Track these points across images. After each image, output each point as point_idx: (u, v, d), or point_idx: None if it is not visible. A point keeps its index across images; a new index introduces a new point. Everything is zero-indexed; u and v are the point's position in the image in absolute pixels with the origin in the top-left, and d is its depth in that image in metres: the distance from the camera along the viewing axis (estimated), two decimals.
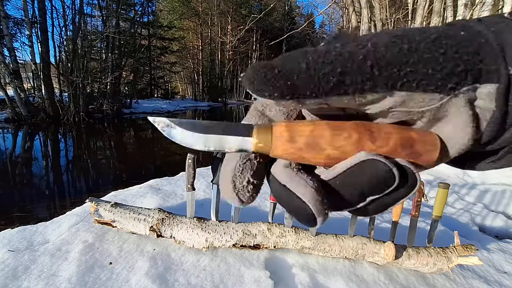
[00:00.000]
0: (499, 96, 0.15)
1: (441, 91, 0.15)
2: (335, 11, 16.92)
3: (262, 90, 0.15)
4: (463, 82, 0.15)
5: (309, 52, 0.15)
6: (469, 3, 4.79)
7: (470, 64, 0.15)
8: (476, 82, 0.15)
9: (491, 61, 0.15)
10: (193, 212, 1.45)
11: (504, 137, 0.17)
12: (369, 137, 0.16)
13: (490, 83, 0.15)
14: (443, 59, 0.14)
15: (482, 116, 0.16)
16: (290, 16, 32.36)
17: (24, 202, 3.05)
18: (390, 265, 1.39)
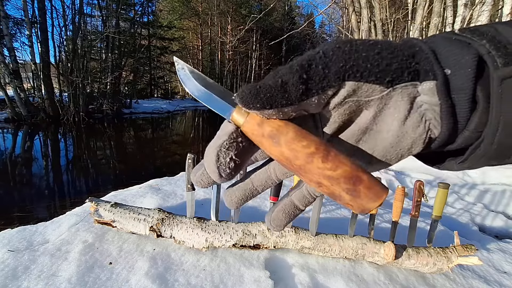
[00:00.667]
0: (439, 90, 0.18)
1: (380, 82, 0.18)
2: (335, 11, 16.92)
3: (248, 103, 0.18)
4: (399, 78, 0.18)
5: (280, 69, 0.19)
6: (469, 3, 4.79)
7: (405, 64, 0.18)
8: (415, 80, 0.18)
9: (426, 63, 0.18)
10: (193, 212, 1.46)
11: (463, 135, 0.19)
12: (322, 156, 0.18)
13: (428, 80, 0.18)
14: (378, 57, 0.18)
15: (433, 112, 0.19)
16: (290, 16, 32.35)
17: (24, 202, 3.05)
18: (390, 265, 1.39)
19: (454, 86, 0.18)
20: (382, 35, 5.02)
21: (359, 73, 0.18)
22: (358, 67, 0.18)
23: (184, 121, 12.91)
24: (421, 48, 0.19)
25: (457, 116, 0.18)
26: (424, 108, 0.19)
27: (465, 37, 0.19)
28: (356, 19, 5.35)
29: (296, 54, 23.19)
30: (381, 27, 4.97)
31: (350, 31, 6.26)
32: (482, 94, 0.18)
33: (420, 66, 0.18)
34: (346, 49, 0.18)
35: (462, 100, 0.18)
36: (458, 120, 0.19)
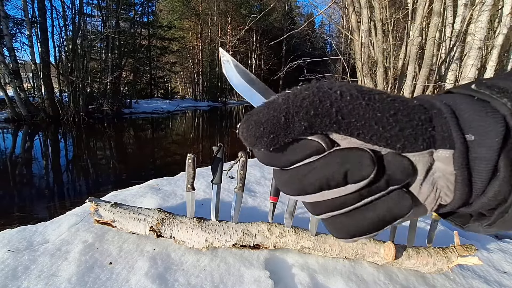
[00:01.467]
0: (456, 160, 0.17)
1: (392, 148, 0.17)
2: (335, 11, 16.91)
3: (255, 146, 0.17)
4: (412, 145, 0.17)
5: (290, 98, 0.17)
6: (469, 3, 4.79)
7: (420, 130, 0.17)
8: (431, 147, 0.17)
9: (443, 129, 0.17)
10: (193, 212, 1.46)
11: (480, 201, 0.18)
12: None
13: (445, 149, 0.17)
14: (392, 120, 0.17)
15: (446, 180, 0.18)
16: (290, 16, 32.34)
17: (24, 202, 3.05)
18: (390, 265, 1.39)
19: (476, 155, 0.17)
20: (382, 35, 5.02)
21: (369, 135, 0.17)
22: (370, 128, 0.16)
23: (184, 121, 12.91)
24: (440, 111, 0.18)
25: (473, 184, 0.17)
26: (437, 176, 0.18)
27: (484, 95, 0.18)
28: (356, 19, 5.35)
29: (296, 54, 23.19)
30: (381, 27, 4.97)
31: (350, 31, 6.26)
32: (505, 162, 0.17)
33: (437, 131, 0.17)
34: (363, 103, 0.16)
35: (482, 170, 0.17)
36: (474, 188, 0.18)
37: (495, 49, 4.70)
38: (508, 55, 5.54)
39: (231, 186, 2.43)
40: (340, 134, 0.17)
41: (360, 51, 5.43)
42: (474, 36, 4.42)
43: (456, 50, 5.08)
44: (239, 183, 1.39)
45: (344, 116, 0.16)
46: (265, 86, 0.22)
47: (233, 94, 28.19)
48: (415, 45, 4.56)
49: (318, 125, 0.17)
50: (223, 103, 24.26)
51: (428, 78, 4.77)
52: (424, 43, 4.85)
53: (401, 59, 5.60)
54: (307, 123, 0.16)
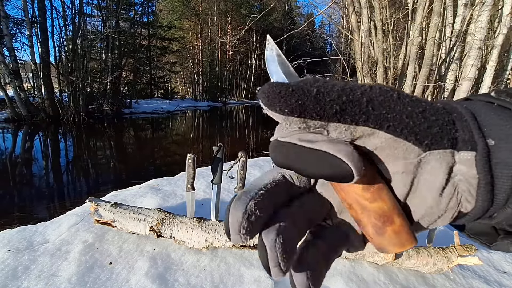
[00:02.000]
0: (478, 163, 0.17)
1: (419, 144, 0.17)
2: (335, 11, 16.91)
3: (274, 104, 0.16)
4: (438, 143, 0.17)
5: (320, 81, 0.17)
6: (469, 3, 4.79)
7: (445, 130, 0.17)
8: (453, 148, 0.17)
9: (466, 132, 0.17)
10: (193, 212, 1.46)
11: (505, 212, 0.17)
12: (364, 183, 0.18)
13: (467, 151, 0.17)
14: (421, 116, 0.17)
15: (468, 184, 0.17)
16: (290, 16, 32.35)
17: (24, 202, 3.05)
18: (390, 265, 1.39)
19: (497, 160, 0.17)
20: (382, 35, 5.02)
21: (399, 128, 0.16)
22: (400, 121, 0.16)
23: (184, 121, 12.91)
24: (460, 114, 0.18)
25: (495, 191, 0.17)
26: (458, 179, 0.17)
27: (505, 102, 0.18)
28: (356, 19, 5.35)
29: (296, 54, 23.18)
30: (381, 27, 4.97)
31: (350, 31, 6.26)
32: None
33: (459, 134, 0.17)
34: (395, 96, 0.17)
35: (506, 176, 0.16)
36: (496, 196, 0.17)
37: (495, 49, 4.70)
38: (508, 55, 5.53)
39: (231, 186, 2.43)
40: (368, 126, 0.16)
41: (360, 51, 5.43)
42: (474, 36, 4.42)
43: (456, 50, 5.08)
44: (239, 183, 1.39)
45: (375, 107, 0.16)
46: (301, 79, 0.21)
47: (233, 94, 28.19)
48: (415, 45, 4.57)
49: (349, 112, 0.16)
50: (223, 103, 24.26)
51: (428, 78, 4.78)
52: (424, 43, 4.85)
53: (401, 59, 5.60)
54: (338, 107, 0.16)
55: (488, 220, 0.19)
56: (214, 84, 24.68)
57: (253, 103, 25.92)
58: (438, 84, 5.22)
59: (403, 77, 5.13)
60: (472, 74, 4.67)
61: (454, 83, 5.19)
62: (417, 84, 4.71)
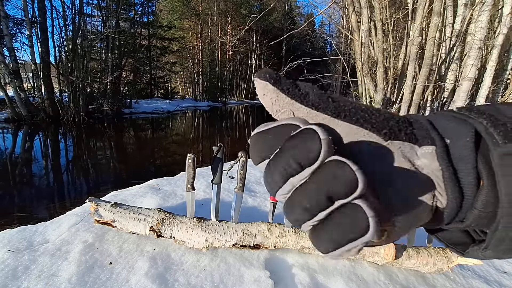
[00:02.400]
0: (439, 155, 0.18)
1: (377, 132, 0.19)
2: (335, 11, 16.91)
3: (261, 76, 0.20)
4: (396, 134, 0.19)
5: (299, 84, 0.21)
6: (469, 3, 4.79)
7: (402, 125, 0.19)
8: (413, 143, 0.19)
9: (422, 130, 0.19)
10: (193, 212, 1.46)
11: (473, 213, 0.18)
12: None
13: (427, 145, 0.19)
14: (376, 112, 0.19)
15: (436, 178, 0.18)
16: (290, 16, 32.35)
17: (24, 202, 3.05)
18: (390, 265, 1.39)
19: (455, 155, 0.18)
20: (382, 35, 5.02)
21: (355, 117, 0.19)
22: (355, 113, 0.19)
23: (184, 121, 12.91)
24: (416, 119, 0.20)
25: (462, 185, 0.18)
26: (426, 173, 0.18)
27: (463, 115, 0.20)
28: (356, 19, 5.35)
29: (296, 54, 23.19)
30: (381, 27, 4.96)
31: (350, 31, 6.26)
32: (485, 170, 0.17)
33: (417, 131, 0.19)
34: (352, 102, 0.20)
35: (466, 169, 0.18)
36: (464, 190, 0.18)
37: (495, 49, 4.70)
38: (508, 55, 5.53)
39: (231, 186, 2.43)
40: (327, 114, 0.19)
41: (360, 51, 5.43)
42: (474, 36, 4.42)
43: (456, 50, 5.08)
44: (239, 183, 1.39)
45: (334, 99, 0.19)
46: None
47: (233, 94, 28.19)
48: (415, 45, 4.56)
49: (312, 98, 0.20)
50: (223, 103, 24.26)
51: (428, 78, 4.77)
52: (424, 43, 4.85)
53: (401, 59, 5.59)
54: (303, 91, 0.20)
55: (460, 224, 0.19)
56: (214, 84, 24.67)
57: (253, 103, 25.90)
58: (438, 84, 5.22)
59: (403, 77, 5.13)
60: (472, 74, 4.67)
61: (454, 83, 5.19)
62: (417, 84, 4.70)
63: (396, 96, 5.47)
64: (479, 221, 0.19)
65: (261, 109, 20.42)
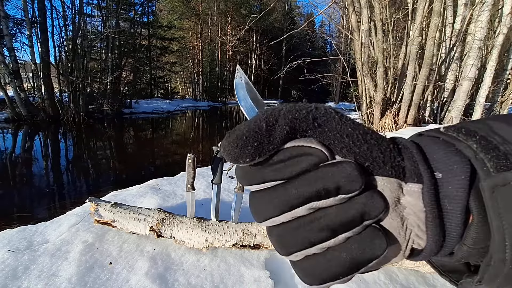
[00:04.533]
0: (425, 195, 0.16)
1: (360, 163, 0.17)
2: (335, 11, 16.92)
3: (237, 158, 0.17)
4: (381, 168, 0.17)
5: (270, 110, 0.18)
6: (469, 3, 4.79)
7: (387, 155, 0.17)
8: (400, 178, 0.17)
9: (411, 163, 0.17)
10: (193, 212, 1.46)
11: (462, 249, 0.17)
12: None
13: (413, 183, 0.17)
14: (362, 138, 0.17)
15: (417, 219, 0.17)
16: (290, 16, 32.34)
17: (24, 202, 3.05)
18: (390, 265, 1.39)
19: (445, 193, 0.16)
20: (382, 35, 5.02)
21: (339, 146, 0.17)
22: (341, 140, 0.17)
23: (184, 121, 12.91)
24: (405, 146, 0.18)
25: (446, 226, 0.17)
26: (407, 213, 0.17)
27: (451, 137, 0.18)
28: (356, 19, 5.35)
29: (296, 54, 23.19)
30: (381, 27, 4.97)
31: (350, 31, 6.26)
32: (475, 204, 0.16)
33: (407, 164, 0.17)
34: (337, 117, 0.17)
35: (454, 210, 0.16)
36: (448, 231, 0.17)
37: (495, 49, 4.70)
38: (508, 55, 5.53)
39: (231, 186, 2.43)
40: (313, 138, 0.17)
41: (360, 51, 5.43)
42: (474, 36, 4.42)
43: (456, 50, 5.08)
44: (239, 183, 1.39)
45: (320, 124, 0.17)
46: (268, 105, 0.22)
47: (233, 94, 28.20)
48: (415, 45, 4.56)
49: (298, 128, 0.17)
50: (223, 103, 24.26)
51: (428, 78, 4.77)
52: (424, 43, 4.85)
53: (401, 59, 5.59)
54: (288, 127, 0.17)
55: (449, 258, 0.18)
56: (214, 84, 24.67)
57: None
58: (438, 84, 5.22)
59: (403, 77, 5.13)
60: (472, 74, 4.67)
61: (454, 83, 5.19)
62: (417, 84, 4.71)
63: (396, 96, 5.47)
64: (470, 256, 0.17)
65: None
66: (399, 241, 0.17)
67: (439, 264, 0.21)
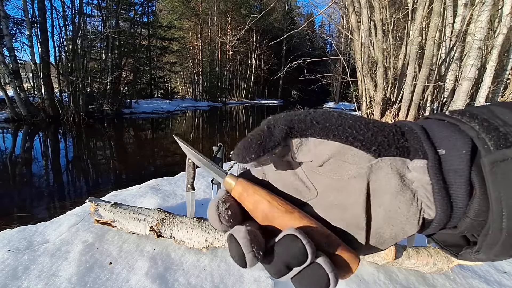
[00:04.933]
0: (430, 169, 0.18)
1: (367, 150, 0.19)
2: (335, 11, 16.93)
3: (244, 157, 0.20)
4: (386, 150, 0.19)
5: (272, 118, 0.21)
6: (469, 3, 4.79)
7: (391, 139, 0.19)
8: (406, 156, 0.19)
9: (416, 142, 0.19)
10: (193, 212, 1.46)
11: (465, 221, 0.19)
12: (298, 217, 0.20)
13: (418, 159, 0.18)
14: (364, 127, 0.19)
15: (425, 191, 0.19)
16: (290, 16, 32.35)
17: (24, 202, 3.05)
18: (390, 265, 1.39)
19: (449, 167, 0.18)
20: (382, 35, 5.02)
21: (344, 136, 0.19)
22: (344, 130, 0.19)
23: (184, 121, 12.91)
24: (410, 128, 0.20)
25: (453, 198, 0.18)
26: (416, 186, 0.19)
27: (455, 119, 0.20)
28: (356, 19, 5.35)
29: (296, 54, 23.20)
30: (381, 27, 4.97)
31: (350, 31, 6.26)
32: (478, 179, 0.18)
33: (410, 143, 0.19)
34: (335, 115, 0.20)
35: (458, 182, 0.18)
36: (454, 202, 0.18)
37: (495, 49, 4.70)
38: (508, 55, 5.54)
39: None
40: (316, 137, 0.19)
41: (360, 51, 5.43)
42: (474, 36, 4.42)
43: (456, 50, 5.08)
44: None
45: (319, 122, 0.19)
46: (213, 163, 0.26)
47: (233, 94, 28.20)
48: (415, 45, 4.56)
49: (296, 128, 0.19)
50: (223, 103, 24.25)
51: (428, 78, 4.77)
52: (424, 43, 4.85)
53: (401, 59, 5.59)
54: (287, 127, 0.19)
55: (453, 230, 0.20)
56: (214, 84, 24.66)
57: (253, 103, 25.90)
58: (438, 84, 5.22)
59: (403, 77, 5.13)
60: (472, 74, 4.67)
61: (454, 83, 5.19)
62: (417, 84, 4.70)
63: (396, 96, 5.47)
64: (472, 228, 0.19)
65: (261, 109, 20.43)
66: (412, 211, 0.19)
67: (441, 239, 0.23)
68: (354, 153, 0.19)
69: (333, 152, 0.19)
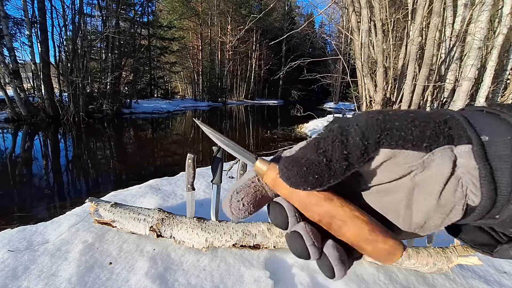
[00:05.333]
0: (475, 153, 0.18)
1: (418, 148, 0.19)
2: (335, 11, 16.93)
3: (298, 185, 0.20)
4: (436, 142, 0.19)
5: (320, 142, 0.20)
6: (469, 3, 4.79)
7: (438, 130, 0.19)
8: (451, 143, 0.19)
9: (459, 128, 0.19)
10: (193, 212, 1.46)
11: (509, 208, 0.18)
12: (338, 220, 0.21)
13: (463, 144, 0.18)
14: (411, 125, 0.19)
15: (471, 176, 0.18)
16: (290, 16, 32.34)
17: (24, 202, 3.05)
18: (390, 265, 1.39)
19: (493, 153, 0.18)
20: (382, 35, 5.02)
21: (394, 141, 0.19)
22: (393, 136, 0.19)
23: (184, 121, 12.90)
24: (452, 116, 0.20)
25: (498, 184, 0.18)
26: (461, 172, 0.19)
27: (495, 109, 0.20)
28: (356, 19, 5.35)
29: (296, 54, 23.18)
30: (381, 27, 4.97)
31: (350, 31, 6.26)
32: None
33: (453, 131, 0.19)
34: (380, 119, 0.19)
35: (504, 168, 0.18)
36: (499, 189, 0.18)
37: (495, 49, 4.70)
38: (508, 55, 5.53)
39: (231, 186, 2.43)
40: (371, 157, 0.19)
41: (360, 51, 5.43)
42: (474, 36, 4.42)
43: (456, 50, 5.08)
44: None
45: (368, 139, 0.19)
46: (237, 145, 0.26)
47: (233, 94, 28.19)
48: (415, 45, 4.56)
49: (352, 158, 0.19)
50: (223, 103, 24.24)
51: (428, 78, 4.77)
52: (424, 43, 4.85)
53: (401, 59, 5.59)
54: (345, 162, 0.19)
55: (493, 220, 0.19)
56: (214, 84, 24.65)
57: (253, 103, 25.88)
58: (438, 84, 5.22)
59: (403, 77, 5.13)
60: (472, 74, 4.67)
61: (454, 83, 5.19)
62: (417, 84, 4.70)
63: (396, 96, 5.46)
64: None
65: (261, 109, 20.43)
66: (458, 197, 0.19)
67: (470, 238, 0.23)
68: (405, 155, 0.19)
69: (384, 160, 0.19)
